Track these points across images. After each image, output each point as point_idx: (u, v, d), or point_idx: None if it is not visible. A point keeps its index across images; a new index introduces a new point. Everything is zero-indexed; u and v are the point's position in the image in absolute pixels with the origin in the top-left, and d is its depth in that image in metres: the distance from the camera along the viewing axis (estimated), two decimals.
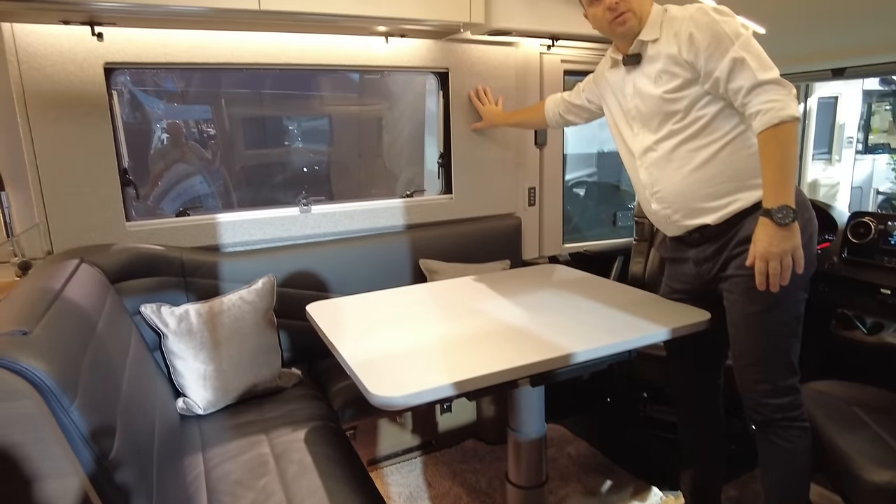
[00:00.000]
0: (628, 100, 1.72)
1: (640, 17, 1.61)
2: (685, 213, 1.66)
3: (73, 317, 1.37)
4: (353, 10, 1.99)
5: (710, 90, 1.54)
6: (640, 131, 1.70)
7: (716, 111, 1.56)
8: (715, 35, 1.48)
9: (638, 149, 1.72)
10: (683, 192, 1.64)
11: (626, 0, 1.59)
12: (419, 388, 1.24)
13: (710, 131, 1.57)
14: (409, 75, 3.08)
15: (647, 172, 1.71)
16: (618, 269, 2.92)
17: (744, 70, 1.45)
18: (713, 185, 1.59)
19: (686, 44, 1.52)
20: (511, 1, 2.26)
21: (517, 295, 1.91)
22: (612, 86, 1.79)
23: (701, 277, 1.73)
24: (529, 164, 2.82)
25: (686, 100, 1.57)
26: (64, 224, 1.98)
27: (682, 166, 1.62)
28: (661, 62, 1.59)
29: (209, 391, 1.91)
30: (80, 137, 1.95)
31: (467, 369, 1.31)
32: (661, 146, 1.65)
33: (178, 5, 1.76)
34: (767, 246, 1.43)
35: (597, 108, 1.99)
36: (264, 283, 2.11)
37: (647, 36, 1.62)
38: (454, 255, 2.58)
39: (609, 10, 1.60)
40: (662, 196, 1.69)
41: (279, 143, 4.11)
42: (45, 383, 1.03)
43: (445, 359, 1.42)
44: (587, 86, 2.01)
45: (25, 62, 1.86)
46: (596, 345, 1.46)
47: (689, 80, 1.56)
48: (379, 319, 1.76)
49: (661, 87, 1.60)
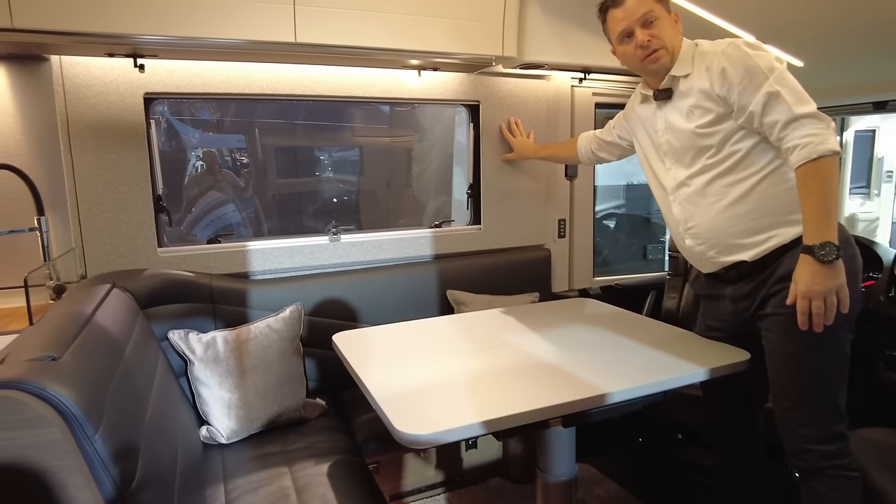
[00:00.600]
0: (660, 135, 1.69)
1: (671, 52, 1.59)
2: (720, 250, 1.61)
3: (101, 343, 1.37)
4: (388, 44, 2.02)
5: (745, 124, 1.51)
6: (672, 166, 1.67)
7: (751, 145, 1.53)
8: (748, 69, 1.46)
9: (670, 184, 1.68)
10: (718, 227, 1.59)
11: (659, 37, 1.57)
12: (446, 426, 1.20)
13: (745, 166, 1.54)
14: (438, 107, 3.11)
15: (681, 208, 1.67)
16: (650, 304, 2.84)
17: (779, 104, 1.42)
18: (749, 220, 1.55)
19: (718, 78, 1.50)
20: (543, 35, 2.27)
21: (547, 329, 1.86)
22: (643, 121, 1.77)
23: (738, 315, 1.66)
24: (559, 195, 2.79)
25: (719, 134, 1.54)
26: (98, 249, 2.01)
27: (716, 201, 1.58)
28: (693, 97, 1.57)
29: (233, 420, 1.89)
30: (117, 165, 2.00)
31: (496, 407, 1.27)
32: (694, 181, 1.61)
33: (217, 38, 1.81)
34: (810, 284, 1.37)
35: (628, 145, 1.97)
36: (292, 311, 2.11)
37: (678, 71, 1.60)
38: (482, 286, 2.55)
39: (641, 47, 1.59)
40: (697, 232, 1.64)
41: (310, 172, 4.16)
42: (70, 411, 1.02)
43: (473, 395, 1.38)
44: (618, 122, 1.99)
45: (71, 92, 1.92)
46: (630, 385, 1.41)
47: (721, 114, 1.53)
48: (405, 351, 1.73)
49: (694, 121, 1.57)
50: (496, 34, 2.18)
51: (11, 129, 1.98)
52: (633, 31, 1.59)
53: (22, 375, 1.02)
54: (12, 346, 1.22)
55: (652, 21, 1.58)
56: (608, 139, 2.05)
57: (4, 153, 1.97)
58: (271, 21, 1.84)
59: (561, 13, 2.27)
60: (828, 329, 1.39)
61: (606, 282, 2.93)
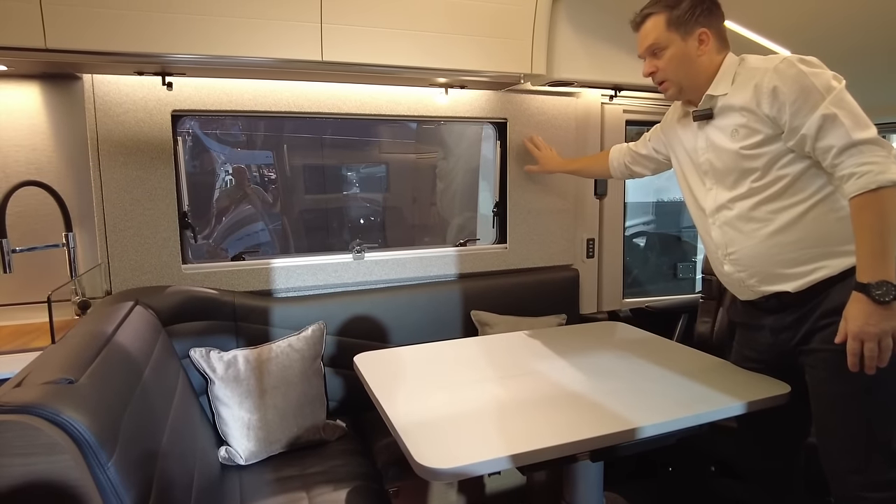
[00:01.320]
0: (700, 153, 1.60)
1: (679, 85, 1.55)
2: (762, 279, 1.52)
3: (120, 363, 1.35)
4: (414, 62, 2.00)
5: (795, 147, 1.41)
6: (713, 187, 1.58)
7: (800, 170, 1.43)
8: (803, 89, 1.35)
9: (710, 206, 1.59)
10: (762, 255, 1.50)
11: (664, 70, 1.53)
12: (468, 460, 1.15)
13: (793, 191, 1.44)
14: (465, 123, 3.08)
15: (721, 232, 1.57)
16: (682, 327, 2.75)
17: (836, 128, 1.32)
18: (796, 249, 1.45)
19: (769, 97, 1.40)
20: (573, 52, 2.22)
21: (575, 355, 1.80)
22: (682, 137, 1.68)
23: (778, 347, 1.57)
24: (588, 214, 2.73)
25: (766, 157, 1.45)
26: (123, 265, 2.02)
27: (761, 228, 1.49)
28: (736, 115, 1.48)
29: (252, 441, 1.86)
30: (144, 181, 2.01)
31: (521, 441, 1.22)
32: (737, 205, 1.52)
33: (244, 56, 1.81)
34: (863, 325, 1.27)
35: (665, 159, 1.89)
36: (314, 330, 2.08)
37: (716, 90, 1.52)
38: (507, 307, 2.49)
39: (646, 76, 1.58)
40: (737, 258, 1.55)
41: (337, 188, 4.17)
42: (84, 437, 1.00)
43: (497, 427, 1.32)
44: (654, 135, 1.90)
45: (101, 110, 1.94)
46: (663, 418, 1.34)
47: (770, 136, 1.43)
48: (428, 376, 1.68)
49: (739, 142, 1.48)
50: (525, 52, 2.14)
51: (44, 146, 2.01)
52: (644, 58, 1.59)
53: (37, 400, 1.00)
54: (32, 366, 1.21)
55: (659, 52, 1.53)
56: (643, 152, 1.95)
57: (36, 169, 2.00)
58: (298, 40, 1.84)
59: (592, 30, 2.23)
60: (883, 370, 1.30)
61: (637, 304, 2.85)
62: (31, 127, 1.99)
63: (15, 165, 1.99)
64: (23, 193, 1.87)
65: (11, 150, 1.98)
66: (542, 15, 2.12)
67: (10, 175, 1.97)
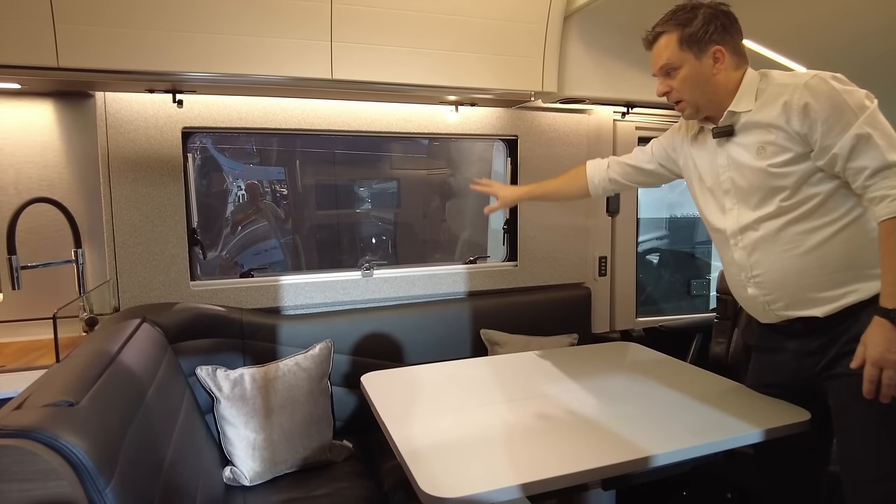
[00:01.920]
0: (720, 172, 1.52)
1: (695, 105, 1.49)
2: (789, 303, 1.46)
3: (123, 383, 1.34)
4: (425, 80, 1.99)
5: (825, 167, 1.35)
6: (734, 206, 1.51)
7: (831, 189, 1.37)
8: (835, 106, 1.30)
9: (732, 226, 1.51)
10: (789, 279, 1.43)
11: (678, 90, 1.47)
12: (476, 489, 1.11)
13: (823, 212, 1.38)
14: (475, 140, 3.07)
15: (745, 253, 1.50)
16: (696, 348, 2.69)
17: (869, 149, 1.27)
18: (826, 273, 1.39)
19: (799, 114, 1.34)
20: (585, 69, 2.21)
21: (587, 377, 1.75)
22: (697, 155, 1.61)
23: (801, 372, 1.51)
24: (600, 231, 2.69)
25: (795, 175, 1.38)
26: (132, 281, 2.02)
27: (789, 250, 1.42)
28: (762, 132, 1.41)
29: (257, 462, 1.84)
30: (153, 198, 2.01)
31: (530, 469, 1.18)
32: (764, 226, 1.44)
33: (254, 74, 1.81)
34: (884, 352, 1.22)
35: (673, 176, 1.80)
36: (321, 348, 2.06)
37: (739, 107, 1.45)
38: (518, 325, 2.45)
39: (660, 96, 1.52)
40: (763, 282, 1.48)
41: (348, 204, 4.17)
42: (82, 463, 0.98)
43: (506, 453, 1.28)
44: (661, 151, 1.78)
45: (112, 127, 1.95)
46: (677, 446, 1.30)
47: (800, 154, 1.37)
48: (435, 398, 1.65)
49: (766, 159, 1.41)
50: (536, 69, 2.13)
51: (56, 163, 2.02)
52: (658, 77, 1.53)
53: (35, 424, 0.99)
54: (34, 387, 1.20)
55: (672, 72, 1.47)
56: (648, 167, 1.80)
57: (48, 186, 2.02)
58: (308, 58, 1.84)
59: (603, 47, 2.21)
60: None
61: (650, 323, 2.80)
62: (44, 144, 2.00)
63: (27, 182, 2.00)
64: (34, 210, 1.87)
65: (24, 166, 1.99)
66: (553, 32, 2.10)
67: (22, 192, 1.98)
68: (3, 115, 1.95)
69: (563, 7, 2.08)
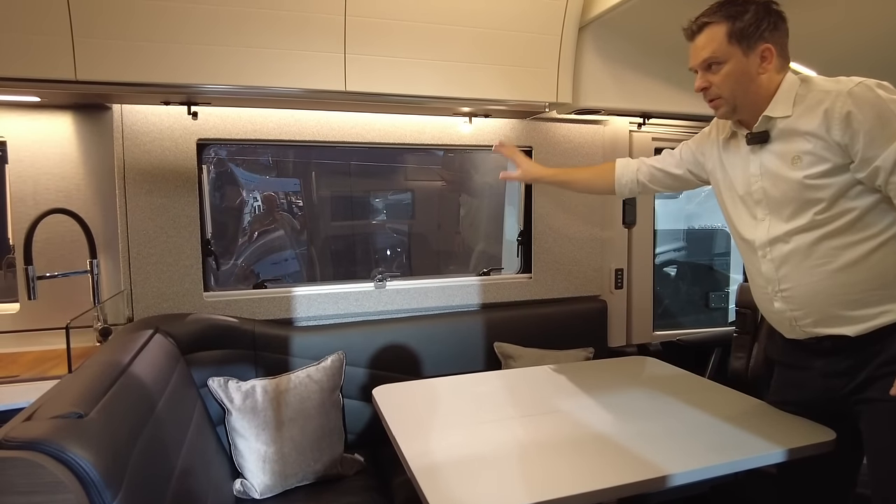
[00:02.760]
0: (752, 181, 1.45)
1: (734, 104, 1.40)
2: (818, 319, 1.39)
3: (134, 395, 1.33)
4: (438, 92, 1.99)
5: (865, 180, 1.28)
6: (765, 217, 1.44)
7: (869, 204, 1.30)
8: (880, 116, 1.23)
9: (761, 237, 1.44)
10: (821, 295, 1.37)
11: (718, 86, 1.39)
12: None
13: (861, 227, 1.31)
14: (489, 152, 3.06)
15: (774, 266, 1.43)
16: (715, 362, 2.63)
17: None
18: (860, 291, 1.32)
19: (841, 124, 1.27)
20: (600, 80, 2.19)
21: (602, 393, 1.72)
22: (728, 161, 1.53)
23: (828, 393, 1.44)
24: (616, 243, 2.65)
25: (832, 188, 1.31)
26: (146, 292, 2.02)
27: (821, 265, 1.35)
28: (800, 141, 1.34)
29: (268, 475, 1.82)
30: (168, 209, 2.02)
31: (544, 487, 1.15)
32: (795, 238, 1.38)
33: (268, 87, 1.82)
34: None
35: (697, 181, 1.72)
36: (333, 360, 2.04)
37: (775, 112, 1.37)
38: (532, 339, 2.42)
39: (698, 91, 1.43)
40: (791, 296, 1.41)
41: (363, 215, 4.18)
42: (89, 476, 0.97)
43: (519, 471, 1.26)
44: (689, 156, 1.69)
45: (129, 139, 1.97)
46: (696, 465, 1.26)
47: (838, 165, 1.30)
48: (448, 412, 1.62)
49: (802, 170, 1.33)
50: (550, 80, 2.11)
51: (73, 174, 2.04)
52: (697, 71, 1.43)
53: (43, 436, 0.98)
54: (44, 398, 1.20)
55: (716, 66, 1.38)
56: (676, 172, 1.72)
57: (65, 197, 2.04)
58: (322, 70, 1.84)
59: (619, 57, 2.19)
60: None
61: (667, 336, 2.75)
62: (62, 156, 2.03)
63: (45, 193, 2.02)
64: (51, 220, 1.89)
65: (42, 177, 2.01)
66: (568, 43, 2.09)
67: (40, 202, 2.00)
68: (23, 127, 1.98)
69: (577, 18, 2.06)
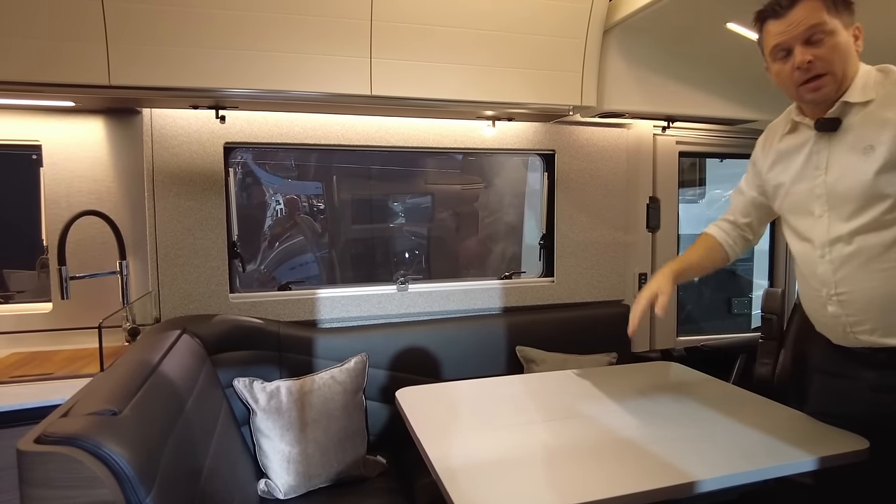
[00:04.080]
0: (814, 174, 1.34)
1: (840, 81, 1.27)
2: (876, 329, 1.31)
3: (164, 394, 1.36)
4: (462, 96, 2.00)
5: None
6: (823, 214, 1.34)
7: None
8: None
9: (821, 237, 1.33)
10: (884, 303, 1.28)
11: (826, 60, 1.24)
12: None
13: None
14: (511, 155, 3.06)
15: (832, 268, 1.34)
16: (740, 368, 2.60)
17: None
18: None
19: None
20: (624, 83, 2.18)
21: (627, 398, 1.70)
22: (787, 157, 1.42)
23: (876, 408, 1.36)
24: (640, 247, 2.64)
25: None
26: (173, 293, 2.06)
27: (886, 269, 1.25)
28: (873, 130, 1.24)
29: (292, 475, 1.84)
30: (195, 211, 2.05)
31: (570, 492, 1.14)
32: (858, 240, 1.28)
33: (295, 91, 1.84)
34: None
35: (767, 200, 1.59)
36: (356, 362, 2.06)
37: (854, 97, 1.26)
38: (554, 343, 2.40)
39: (799, 69, 1.26)
40: (849, 300, 1.32)
41: (383, 219, 4.20)
42: (124, 472, 0.99)
43: (545, 474, 1.25)
44: (749, 183, 1.59)
45: (158, 142, 2.01)
46: (724, 471, 1.24)
47: None
48: (471, 415, 1.62)
49: (874, 162, 1.23)
50: (575, 84, 2.11)
51: (104, 177, 2.09)
52: (791, 48, 1.27)
53: (81, 431, 1.00)
54: (79, 395, 1.22)
55: (820, 38, 1.24)
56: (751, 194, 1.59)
57: (96, 199, 2.08)
58: (348, 74, 1.86)
59: (644, 61, 2.18)
60: None
61: (691, 342, 2.72)
62: (94, 159, 2.07)
63: (77, 195, 2.07)
64: (82, 222, 1.93)
65: (75, 181, 2.06)
66: (593, 47, 2.08)
67: (73, 205, 2.05)
68: (58, 131, 2.03)
69: (602, 21, 2.06)
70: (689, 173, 3.43)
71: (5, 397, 1.59)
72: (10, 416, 1.54)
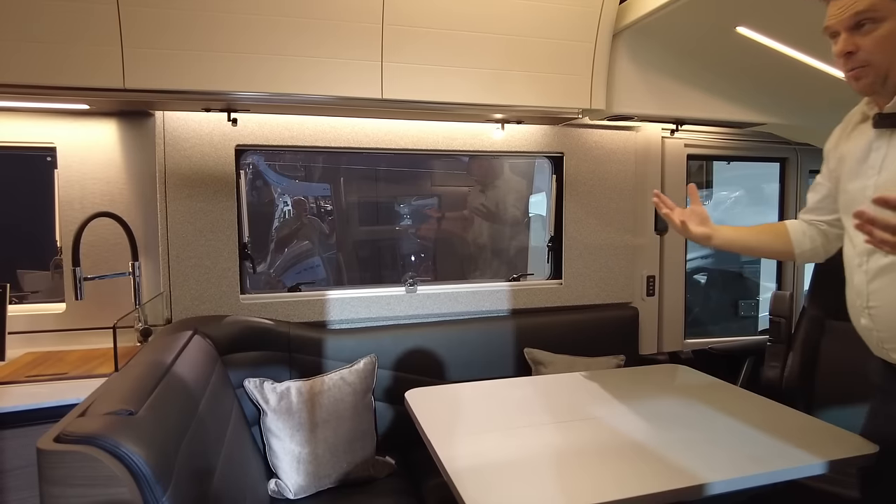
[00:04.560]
0: (868, 173, 1.23)
1: (883, 73, 1.16)
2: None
3: (178, 394, 1.37)
4: (473, 99, 2.01)
5: None
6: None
7: None
8: None
9: (862, 243, 1.21)
10: None
11: (867, 50, 1.15)
12: None
13: None
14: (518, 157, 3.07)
15: (866, 279, 1.25)
16: (748, 371, 2.60)
17: None
18: None
19: None
20: (633, 86, 2.18)
21: (636, 400, 1.71)
22: (850, 152, 1.30)
23: None
24: (648, 250, 2.64)
25: None
26: (184, 294, 2.08)
27: None
28: None
29: (301, 475, 1.85)
30: (206, 213, 2.07)
31: (579, 494, 1.16)
32: None
33: (306, 94, 1.86)
34: None
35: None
36: (366, 363, 2.07)
37: None
38: (562, 345, 2.41)
39: (842, 57, 1.20)
40: (878, 315, 1.24)
41: (391, 220, 4.22)
42: (142, 471, 1.01)
43: (555, 476, 1.26)
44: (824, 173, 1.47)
45: (170, 144, 2.03)
46: (734, 474, 1.25)
47: None
48: (481, 416, 1.63)
49: None
50: (584, 87, 2.11)
51: (117, 179, 2.11)
52: (838, 33, 1.19)
53: (99, 431, 1.02)
54: (95, 395, 1.24)
55: (868, 26, 1.15)
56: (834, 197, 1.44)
57: (109, 201, 2.10)
58: (359, 78, 1.87)
59: (653, 64, 2.18)
60: None
61: (699, 345, 2.72)
62: (108, 161, 2.09)
63: (91, 197, 2.09)
64: (96, 224, 1.96)
65: (89, 182, 2.08)
66: (602, 50, 2.09)
67: (87, 206, 2.07)
68: (72, 133, 2.05)
69: (612, 25, 2.06)
70: (697, 175, 3.43)
71: (21, 397, 1.61)
72: (25, 416, 1.56)
